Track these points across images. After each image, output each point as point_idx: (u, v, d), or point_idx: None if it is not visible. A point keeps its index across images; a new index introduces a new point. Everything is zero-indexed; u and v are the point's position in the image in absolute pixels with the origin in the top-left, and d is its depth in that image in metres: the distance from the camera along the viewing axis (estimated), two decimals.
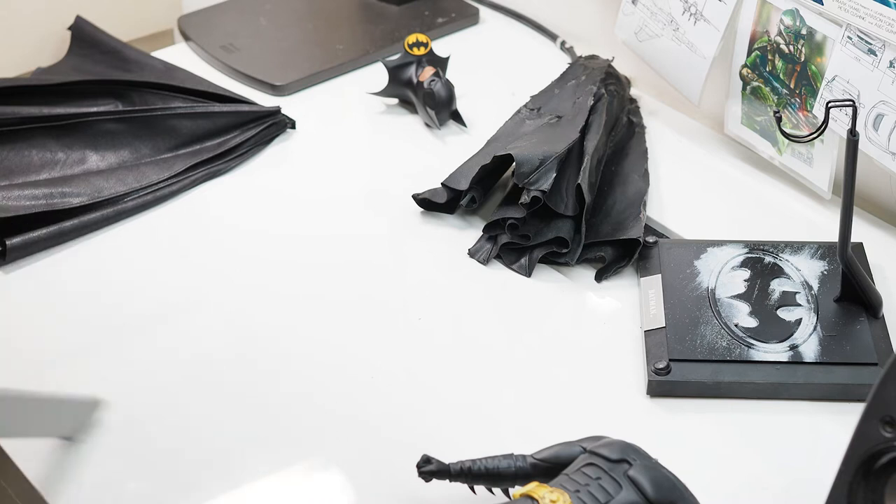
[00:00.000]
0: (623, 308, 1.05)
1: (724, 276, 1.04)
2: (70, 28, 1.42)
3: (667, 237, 1.12)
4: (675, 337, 0.98)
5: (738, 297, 1.02)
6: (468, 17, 1.48)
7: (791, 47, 1.13)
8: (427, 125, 1.29)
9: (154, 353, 0.99)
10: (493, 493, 0.85)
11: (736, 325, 0.99)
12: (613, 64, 1.31)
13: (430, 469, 0.83)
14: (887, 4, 1.01)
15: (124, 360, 0.99)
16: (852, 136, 0.92)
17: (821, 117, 0.98)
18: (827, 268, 1.04)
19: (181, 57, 1.40)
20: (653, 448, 0.81)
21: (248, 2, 1.51)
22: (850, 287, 1.00)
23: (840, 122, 1.07)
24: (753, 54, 1.17)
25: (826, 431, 0.92)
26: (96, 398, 0.92)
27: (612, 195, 1.15)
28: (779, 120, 1.00)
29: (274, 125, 1.26)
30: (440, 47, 1.36)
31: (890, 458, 0.72)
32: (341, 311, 1.04)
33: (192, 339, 1.01)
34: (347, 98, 1.34)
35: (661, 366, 0.95)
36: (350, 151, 1.26)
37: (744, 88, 1.19)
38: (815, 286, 1.02)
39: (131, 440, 0.92)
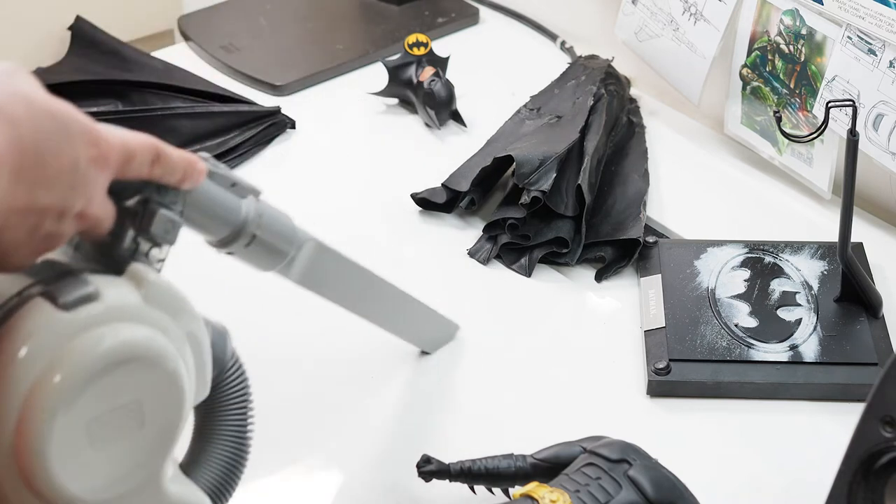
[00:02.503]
0: (623, 308, 1.05)
1: (724, 276, 1.04)
2: (70, 28, 1.42)
3: (667, 237, 1.12)
4: (675, 337, 0.98)
5: (738, 297, 1.02)
6: (468, 17, 1.48)
7: (791, 47, 1.13)
8: (427, 125, 1.29)
9: None
10: (493, 493, 0.85)
11: (736, 325, 0.99)
12: (613, 64, 1.31)
13: (430, 469, 0.83)
14: (887, 4, 1.01)
15: None
16: (852, 136, 0.92)
17: (821, 117, 0.98)
18: (827, 268, 1.04)
19: (181, 57, 1.40)
20: (653, 448, 0.81)
21: (248, 2, 1.51)
22: (850, 287, 1.00)
23: (840, 122, 1.07)
24: (753, 54, 1.17)
25: (826, 431, 0.92)
26: (457, 324, 1.00)
27: (612, 195, 1.15)
28: (779, 120, 1.00)
29: (274, 125, 1.26)
30: (440, 47, 1.36)
31: (890, 458, 0.72)
32: (341, 310, 1.04)
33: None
34: (347, 98, 1.34)
35: (661, 366, 0.95)
36: (350, 151, 1.26)
37: (744, 88, 1.19)
38: (815, 286, 1.03)
39: None
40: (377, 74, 1.33)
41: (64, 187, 0.61)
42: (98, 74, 1.32)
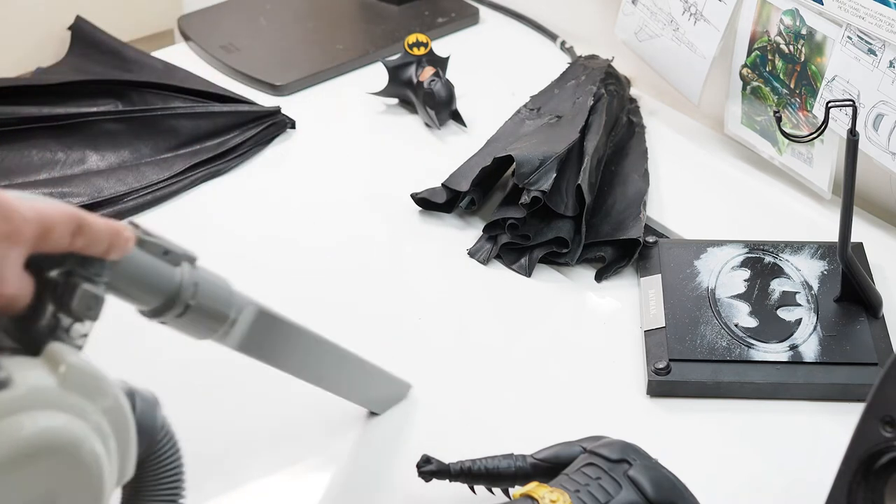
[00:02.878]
0: (623, 308, 1.04)
1: (724, 276, 1.04)
2: (70, 28, 1.42)
3: (667, 237, 1.12)
4: (675, 337, 0.98)
5: (738, 297, 1.02)
6: (468, 17, 1.48)
7: (791, 47, 1.13)
8: (427, 125, 1.29)
9: (152, 354, 0.99)
10: (493, 493, 0.85)
11: (736, 325, 0.99)
12: (613, 64, 1.31)
13: (430, 469, 0.83)
14: (887, 4, 1.01)
15: (121, 361, 0.98)
16: (852, 136, 0.92)
17: (821, 117, 0.98)
18: (827, 268, 1.04)
19: (181, 57, 1.40)
20: (653, 448, 0.81)
21: (248, 2, 1.51)
22: (850, 287, 1.00)
23: (840, 122, 1.07)
24: (753, 54, 1.17)
25: (826, 431, 0.92)
26: (409, 383, 0.95)
27: (612, 195, 1.15)
28: (779, 120, 1.00)
29: (274, 125, 1.26)
30: (440, 47, 1.36)
31: (890, 458, 0.72)
32: (341, 310, 1.04)
33: (191, 339, 1.01)
34: (347, 98, 1.34)
35: (661, 366, 0.95)
36: (350, 151, 1.26)
37: (744, 88, 1.19)
38: (815, 286, 1.02)
39: None
40: (377, 74, 1.33)
41: None
42: (98, 74, 1.32)
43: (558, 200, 1.09)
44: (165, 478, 0.71)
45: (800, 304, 1.01)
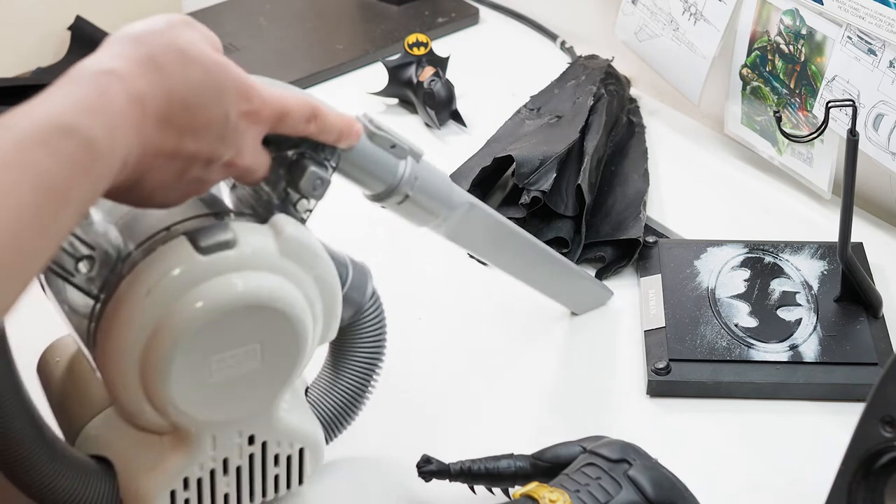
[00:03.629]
0: (623, 308, 1.04)
1: (724, 276, 1.04)
2: (70, 28, 1.42)
3: (667, 237, 1.12)
4: (675, 337, 0.98)
5: (738, 296, 1.02)
6: (468, 17, 1.48)
7: (791, 47, 1.13)
8: (427, 125, 1.29)
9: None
10: (493, 493, 0.85)
11: (736, 325, 0.99)
12: (613, 64, 1.31)
13: (430, 469, 0.83)
14: (887, 4, 1.01)
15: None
16: (852, 136, 0.92)
17: (821, 117, 0.98)
18: (827, 268, 1.04)
19: None
20: (653, 448, 0.81)
21: (248, 2, 1.51)
22: (850, 287, 1.00)
23: (840, 122, 1.07)
24: (753, 54, 1.17)
25: (826, 431, 0.92)
26: (611, 291, 1.04)
27: (612, 195, 1.15)
28: (779, 120, 1.00)
29: None
30: (440, 47, 1.36)
31: (890, 458, 0.72)
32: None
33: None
34: (347, 98, 1.33)
35: (661, 366, 0.95)
36: None
37: (744, 88, 1.19)
38: (815, 286, 1.02)
39: None
40: (377, 74, 1.33)
41: (212, 137, 0.65)
42: None
43: (558, 200, 1.09)
44: (367, 343, 0.83)
45: (800, 304, 1.01)
